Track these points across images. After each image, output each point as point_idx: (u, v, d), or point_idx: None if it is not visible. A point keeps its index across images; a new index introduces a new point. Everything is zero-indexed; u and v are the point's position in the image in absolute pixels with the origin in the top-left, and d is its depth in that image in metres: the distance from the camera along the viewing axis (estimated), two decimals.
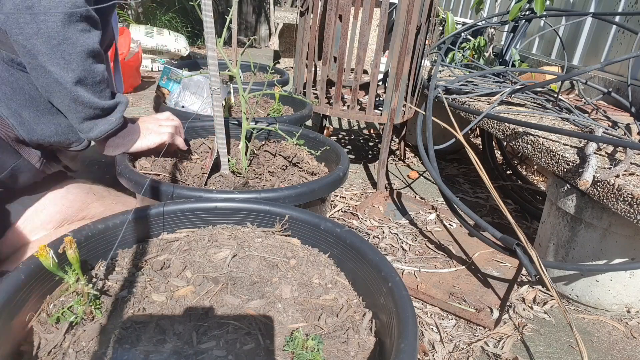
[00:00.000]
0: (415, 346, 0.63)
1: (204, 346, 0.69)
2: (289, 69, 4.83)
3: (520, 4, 2.42)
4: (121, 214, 0.90)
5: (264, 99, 2.06)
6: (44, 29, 0.91)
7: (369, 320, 0.78)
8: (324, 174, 1.35)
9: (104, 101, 1.05)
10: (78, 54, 0.96)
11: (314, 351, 0.68)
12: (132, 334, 0.70)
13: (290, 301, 0.80)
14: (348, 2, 1.87)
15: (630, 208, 1.16)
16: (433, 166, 1.67)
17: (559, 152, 1.44)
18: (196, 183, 1.22)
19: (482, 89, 2.17)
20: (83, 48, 0.97)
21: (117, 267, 0.85)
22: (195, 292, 0.79)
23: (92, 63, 1.00)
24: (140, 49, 3.40)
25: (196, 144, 1.45)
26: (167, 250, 0.90)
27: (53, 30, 0.92)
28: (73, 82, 0.98)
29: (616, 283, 1.40)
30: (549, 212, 1.56)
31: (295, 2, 5.88)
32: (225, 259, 0.89)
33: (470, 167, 2.63)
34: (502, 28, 3.10)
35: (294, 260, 0.91)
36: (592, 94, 2.30)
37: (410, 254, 1.62)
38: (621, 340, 1.34)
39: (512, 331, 1.32)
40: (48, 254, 0.68)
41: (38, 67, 0.95)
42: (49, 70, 0.95)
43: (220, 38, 1.13)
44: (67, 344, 0.67)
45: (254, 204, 0.99)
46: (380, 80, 2.55)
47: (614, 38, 2.34)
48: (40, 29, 0.91)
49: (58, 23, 0.91)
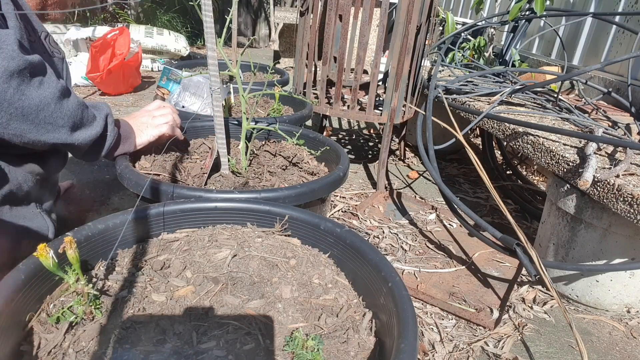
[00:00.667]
0: (415, 346, 0.63)
1: (204, 346, 0.69)
2: (289, 69, 4.83)
3: (520, 4, 2.42)
4: (121, 214, 0.90)
5: (264, 99, 2.06)
6: (13, 110, 0.86)
7: (369, 320, 0.78)
8: (324, 174, 1.35)
9: (93, 127, 1.04)
10: (54, 109, 0.93)
11: (314, 351, 0.68)
12: (132, 334, 0.70)
13: (290, 301, 0.80)
14: (348, 2, 1.87)
15: (630, 208, 1.16)
16: (433, 166, 1.67)
17: (559, 152, 1.44)
18: (196, 183, 1.22)
19: (482, 89, 2.17)
20: (54, 99, 0.93)
21: (117, 267, 0.85)
22: (195, 292, 0.79)
23: (67, 102, 0.96)
24: (140, 49, 3.39)
25: (196, 144, 1.45)
26: (167, 250, 0.90)
27: (20, 106, 0.87)
28: (69, 134, 0.97)
29: (616, 283, 1.40)
30: (549, 212, 1.56)
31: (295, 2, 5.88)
32: (225, 259, 0.89)
33: (470, 167, 2.63)
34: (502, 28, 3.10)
35: (294, 260, 0.91)
36: (592, 94, 2.30)
37: (410, 254, 1.62)
38: (621, 340, 1.34)
39: (512, 331, 1.32)
40: (48, 254, 0.68)
41: (35, 142, 0.93)
42: (44, 140, 0.94)
43: (220, 38, 1.13)
44: (67, 344, 0.67)
45: (254, 204, 0.99)
46: (380, 80, 2.55)
47: (614, 38, 2.34)
48: (10, 113, 0.86)
49: (14, 94, 0.86)
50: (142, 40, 3.91)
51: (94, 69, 3.09)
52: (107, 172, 2.12)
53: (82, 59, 3.58)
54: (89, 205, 1.82)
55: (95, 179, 2.05)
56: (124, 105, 3.13)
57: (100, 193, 1.92)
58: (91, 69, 3.10)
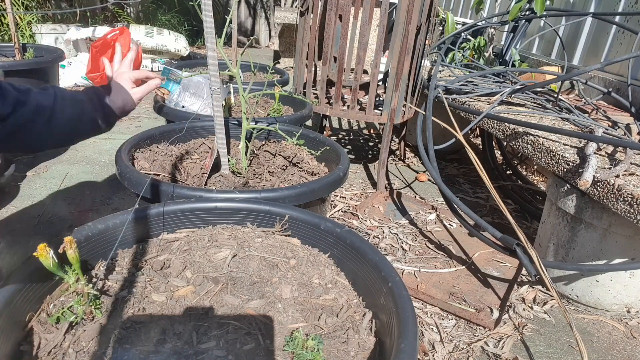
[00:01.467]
0: (415, 346, 0.63)
1: (204, 346, 0.69)
2: (289, 69, 4.83)
3: (520, 4, 2.42)
4: (121, 214, 0.90)
5: (264, 99, 2.06)
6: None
7: (369, 320, 0.78)
8: (324, 174, 1.35)
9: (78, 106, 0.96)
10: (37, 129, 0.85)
11: (314, 351, 0.68)
12: (132, 334, 0.69)
13: (290, 301, 0.80)
14: (348, 2, 1.87)
15: (630, 208, 1.16)
16: (433, 166, 1.67)
17: (559, 152, 1.44)
18: (196, 183, 1.22)
19: (482, 89, 2.17)
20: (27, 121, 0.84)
21: (117, 267, 0.85)
22: (195, 292, 0.79)
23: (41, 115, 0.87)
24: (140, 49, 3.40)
25: (196, 144, 1.45)
26: (167, 250, 0.90)
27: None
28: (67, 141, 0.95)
29: (616, 283, 1.40)
30: (549, 212, 1.56)
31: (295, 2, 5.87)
32: (225, 259, 0.89)
33: (470, 167, 2.63)
34: (502, 28, 3.10)
35: (294, 260, 0.91)
36: (592, 94, 2.30)
37: (410, 254, 1.62)
38: (621, 340, 1.34)
39: (512, 331, 1.32)
40: (48, 254, 0.68)
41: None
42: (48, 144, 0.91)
43: (220, 38, 1.13)
44: (67, 344, 0.67)
45: (254, 204, 0.99)
46: (380, 80, 2.55)
47: (614, 38, 2.34)
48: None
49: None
50: (142, 40, 3.91)
51: (94, 69, 3.09)
52: (107, 172, 2.12)
53: (82, 59, 3.58)
54: (89, 205, 1.82)
55: (96, 178, 2.05)
56: None
57: (100, 193, 1.92)
58: (91, 69, 3.10)
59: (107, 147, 2.41)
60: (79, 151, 2.34)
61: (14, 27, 2.26)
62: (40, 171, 2.08)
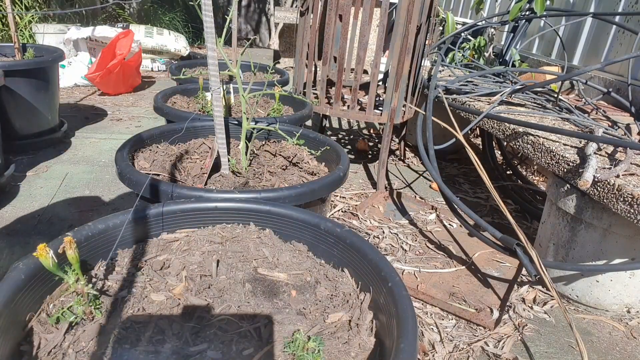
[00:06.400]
0: (415, 346, 0.63)
1: (203, 346, 0.69)
2: (289, 69, 4.83)
3: (520, 4, 2.42)
4: (121, 214, 0.90)
5: (264, 99, 2.06)
6: None
7: (369, 321, 0.78)
8: (324, 174, 1.35)
9: None
10: None
11: (315, 352, 0.68)
12: (132, 334, 0.69)
13: (291, 301, 0.80)
14: (348, 2, 1.87)
15: (631, 208, 1.16)
16: (433, 166, 1.67)
17: (559, 152, 1.44)
18: (196, 183, 1.22)
19: (482, 89, 2.17)
20: None
21: (117, 267, 0.85)
22: (195, 292, 0.79)
23: None
24: (141, 49, 3.40)
25: (196, 143, 1.45)
26: (167, 250, 0.90)
27: None
28: None
29: (616, 283, 1.40)
30: (549, 212, 1.56)
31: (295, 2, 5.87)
32: (225, 259, 0.88)
33: (470, 167, 2.63)
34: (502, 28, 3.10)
35: (294, 260, 0.91)
36: (592, 94, 2.30)
37: (410, 254, 1.62)
38: (621, 341, 1.34)
39: (512, 331, 1.32)
40: (48, 254, 0.68)
41: None
42: None
43: (220, 38, 1.13)
44: (67, 344, 0.67)
45: (254, 204, 0.99)
46: (380, 80, 2.54)
47: (614, 38, 2.34)
48: None
49: None
50: (142, 40, 3.91)
51: (99, 67, 3.10)
52: (107, 172, 2.12)
53: (82, 59, 3.58)
54: (89, 205, 1.82)
55: (96, 178, 2.05)
56: (124, 105, 3.13)
57: (100, 193, 1.92)
58: (96, 69, 3.11)
59: (107, 147, 2.42)
60: (79, 151, 2.34)
61: (14, 27, 2.26)
62: (40, 171, 2.08)
